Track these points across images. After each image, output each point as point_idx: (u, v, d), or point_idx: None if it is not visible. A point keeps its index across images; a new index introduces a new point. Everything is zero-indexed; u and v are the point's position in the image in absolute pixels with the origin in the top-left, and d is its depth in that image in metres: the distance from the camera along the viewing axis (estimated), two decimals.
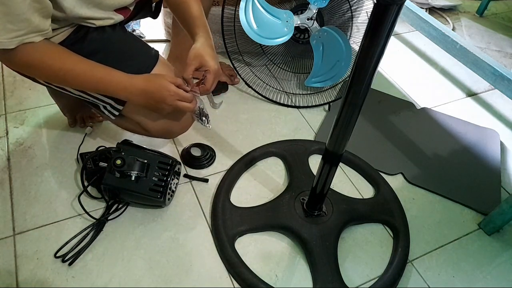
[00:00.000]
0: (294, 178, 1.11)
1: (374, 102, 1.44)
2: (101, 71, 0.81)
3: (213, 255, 0.96)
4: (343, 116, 0.74)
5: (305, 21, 1.28)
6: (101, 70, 0.81)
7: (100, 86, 0.82)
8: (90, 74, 0.80)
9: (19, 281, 0.87)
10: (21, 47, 0.72)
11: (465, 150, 1.30)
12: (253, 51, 1.44)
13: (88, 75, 0.80)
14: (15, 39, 0.69)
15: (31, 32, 0.71)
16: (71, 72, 0.79)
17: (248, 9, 1.22)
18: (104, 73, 0.81)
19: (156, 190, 0.95)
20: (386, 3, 0.56)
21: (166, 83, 0.84)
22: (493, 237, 1.09)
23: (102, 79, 0.81)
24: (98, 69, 0.81)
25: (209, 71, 0.89)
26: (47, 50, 0.77)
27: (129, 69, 0.86)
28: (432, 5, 2.00)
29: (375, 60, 0.63)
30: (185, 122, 1.01)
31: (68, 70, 0.79)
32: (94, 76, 0.81)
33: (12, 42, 0.69)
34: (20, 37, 0.69)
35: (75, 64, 0.79)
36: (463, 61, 1.44)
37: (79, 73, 0.80)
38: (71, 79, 0.81)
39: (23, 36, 0.70)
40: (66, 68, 0.79)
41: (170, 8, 0.97)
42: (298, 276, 0.95)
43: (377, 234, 1.05)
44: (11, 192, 1.02)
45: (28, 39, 0.71)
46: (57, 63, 0.78)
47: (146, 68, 0.90)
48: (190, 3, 0.93)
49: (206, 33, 0.92)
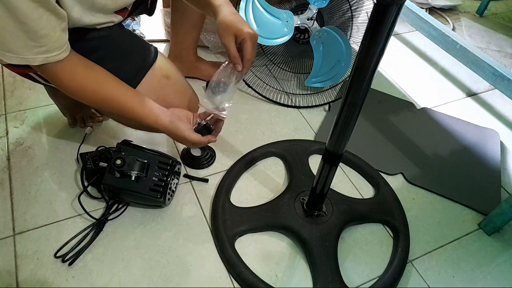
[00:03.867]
0: (294, 178, 1.11)
1: (374, 102, 1.44)
2: (135, 100, 0.84)
3: (213, 255, 0.96)
4: (343, 116, 0.74)
5: (305, 21, 1.28)
6: (135, 100, 0.84)
7: (129, 114, 0.84)
8: (123, 101, 0.83)
9: (19, 281, 0.87)
10: (60, 68, 0.74)
11: (465, 150, 1.30)
12: None
13: (121, 102, 0.83)
14: (38, 56, 0.69)
15: (54, 48, 0.71)
16: (109, 97, 0.82)
17: (248, 9, 1.22)
18: (136, 103, 0.84)
19: (156, 190, 0.95)
20: (386, 3, 0.56)
21: (188, 133, 0.86)
22: (493, 237, 1.09)
23: (133, 109, 0.83)
24: (132, 98, 0.84)
25: (245, 39, 0.81)
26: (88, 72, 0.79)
27: (129, 65, 0.87)
28: (432, 5, 2.00)
29: (375, 60, 0.63)
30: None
31: (106, 95, 0.81)
32: (125, 104, 0.83)
33: (36, 59, 0.70)
34: (43, 54, 0.70)
35: (113, 90, 0.82)
36: (463, 61, 1.44)
37: (114, 100, 0.82)
38: (105, 104, 0.83)
39: (46, 53, 0.70)
40: (105, 93, 0.81)
41: None
42: (298, 276, 0.95)
43: (377, 234, 1.05)
44: (11, 192, 1.02)
45: (53, 57, 0.71)
46: (98, 87, 0.80)
47: (147, 63, 0.91)
48: None
49: (227, 3, 0.86)
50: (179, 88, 0.98)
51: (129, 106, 0.83)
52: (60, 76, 0.76)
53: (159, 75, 0.94)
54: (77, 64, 0.78)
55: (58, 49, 0.72)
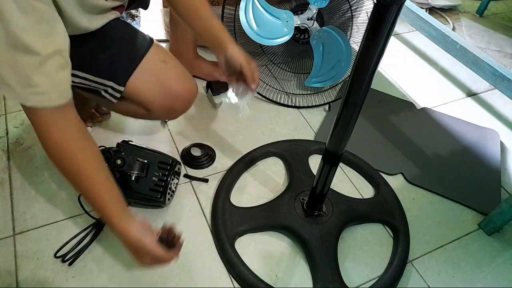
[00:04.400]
0: (294, 178, 1.11)
1: (374, 102, 1.44)
2: (106, 194, 0.76)
3: (213, 255, 0.96)
4: (343, 116, 0.74)
5: (305, 21, 1.28)
6: (106, 192, 0.76)
7: (95, 206, 0.78)
8: (92, 190, 0.76)
9: (19, 281, 0.87)
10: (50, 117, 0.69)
11: (465, 150, 1.30)
12: (253, 51, 1.43)
13: (90, 188, 0.76)
14: (31, 97, 0.66)
15: (51, 91, 0.67)
16: (78, 174, 0.74)
17: (248, 9, 1.22)
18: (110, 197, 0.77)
19: (156, 190, 0.95)
20: (386, 3, 0.56)
21: (153, 246, 0.76)
22: (493, 237, 1.09)
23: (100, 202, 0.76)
24: (102, 190, 0.76)
25: (242, 66, 0.89)
26: (68, 132, 0.72)
27: (124, 53, 0.86)
28: (432, 5, 2.00)
29: (375, 60, 0.63)
30: (187, 97, 0.99)
31: (77, 171, 0.74)
32: (96, 195, 0.76)
33: (28, 100, 0.66)
34: (38, 95, 0.66)
35: (82, 172, 0.74)
36: (463, 61, 1.44)
37: (84, 179, 0.75)
38: (72, 179, 0.75)
39: (40, 94, 0.66)
40: (70, 168, 0.74)
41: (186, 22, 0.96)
42: (298, 276, 0.95)
43: (377, 234, 1.05)
44: (11, 192, 1.02)
45: (42, 103, 0.67)
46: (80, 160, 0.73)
47: (143, 50, 0.91)
48: (209, 19, 0.93)
49: (231, 38, 0.94)
50: (177, 73, 0.97)
51: (102, 197, 0.76)
52: (47, 125, 0.70)
53: (157, 60, 0.94)
54: (71, 121, 0.73)
55: (55, 94, 0.68)
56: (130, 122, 1.23)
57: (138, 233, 0.76)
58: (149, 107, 0.96)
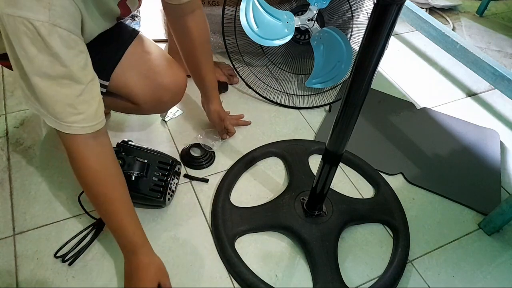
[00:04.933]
0: (294, 178, 1.11)
1: (374, 102, 1.44)
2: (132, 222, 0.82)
3: (213, 255, 0.96)
4: (343, 116, 0.74)
5: (305, 22, 1.28)
6: (132, 221, 0.82)
7: (115, 231, 0.82)
8: (116, 215, 0.80)
9: (19, 281, 0.87)
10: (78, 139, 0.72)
11: (465, 150, 1.30)
12: (253, 52, 1.44)
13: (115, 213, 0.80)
14: (73, 125, 0.70)
15: (92, 118, 0.72)
16: (109, 200, 0.78)
17: (249, 10, 1.22)
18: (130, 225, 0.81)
19: (156, 190, 0.95)
20: (386, 3, 0.56)
21: None
22: (493, 237, 1.09)
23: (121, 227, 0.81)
24: (127, 218, 0.81)
25: (226, 121, 1.15)
26: (104, 157, 0.77)
27: (107, 47, 0.89)
28: (432, 5, 2.00)
29: (375, 60, 0.63)
30: (174, 88, 1.00)
31: (109, 197, 0.78)
32: (117, 219, 0.80)
33: (71, 127, 0.70)
34: (77, 123, 0.70)
35: (114, 197, 0.79)
36: (463, 61, 1.44)
37: (112, 205, 0.79)
38: (103, 204, 0.79)
39: (81, 121, 0.70)
40: (106, 194, 0.78)
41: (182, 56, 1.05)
42: (298, 276, 0.95)
43: (377, 234, 1.05)
44: (11, 192, 1.02)
45: (84, 129, 0.71)
46: (100, 183, 0.77)
47: (125, 42, 0.93)
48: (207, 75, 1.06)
49: (217, 95, 1.13)
50: (162, 63, 0.97)
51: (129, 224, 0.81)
52: (84, 151, 0.74)
53: (140, 51, 0.94)
54: (107, 147, 0.78)
55: (93, 122, 0.72)
56: (130, 122, 1.23)
57: (162, 262, 0.85)
58: (136, 100, 0.96)
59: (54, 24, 0.63)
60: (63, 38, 0.65)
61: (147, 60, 0.95)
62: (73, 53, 0.67)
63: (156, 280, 0.81)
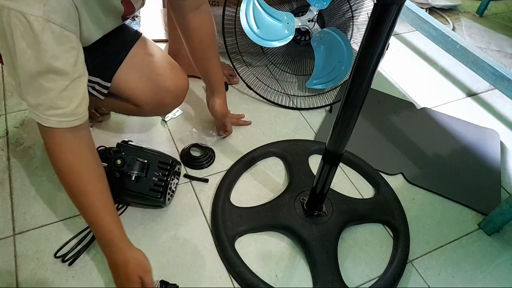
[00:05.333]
0: (294, 178, 1.11)
1: (374, 102, 1.44)
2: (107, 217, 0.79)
3: (213, 255, 0.96)
4: (343, 116, 0.74)
5: (306, 23, 1.28)
6: (107, 216, 0.79)
7: (90, 226, 0.81)
8: (90, 209, 0.78)
9: (19, 281, 0.87)
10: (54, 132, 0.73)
11: (465, 150, 1.30)
12: (253, 52, 1.44)
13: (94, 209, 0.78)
14: (50, 119, 0.70)
15: (70, 114, 0.72)
16: (84, 194, 0.78)
17: (249, 11, 1.22)
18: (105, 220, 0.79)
19: (156, 190, 0.95)
20: (386, 3, 0.56)
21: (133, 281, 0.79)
22: (493, 237, 1.09)
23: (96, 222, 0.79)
24: (101, 213, 0.79)
25: (226, 118, 1.16)
26: (81, 152, 0.77)
27: (110, 47, 0.89)
28: (432, 5, 2.00)
29: (375, 60, 0.63)
30: (176, 91, 1.00)
31: (84, 191, 0.77)
32: (91, 214, 0.79)
33: (48, 120, 0.71)
34: (55, 117, 0.70)
35: (87, 190, 0.78)
36: (463, 61, 1.44)
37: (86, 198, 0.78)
38: (78, 198, 0.79)
39: (60, 116, 0.71)
40: (80, 187, 0.77)
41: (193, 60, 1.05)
42: (298, 276, 0.95)
43: (377, 234, 1.05)
44: (11, 192, 1.02)
45: (60, 123, 0.71)
46: (75, 175, 0.77)
47: (129, 44, 0.93)
48: (213, 68, 1.06)
49: (223, 91, 1.13)
50: (165, 65, 0.97)
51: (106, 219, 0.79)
52: (61, 145, 0.75)
53: (142, 53, 0.94)
54: (85, 142, 0.77)
55: (73, 117, 0.72)
56: (130, 122, 1.23)
57: (144, 257, 0.81)
58: (137, 102, 0.96)
59: (48, 19, 0.64)
60: (56, 33, 0.65)
61: (150, 62, 0.95)
62: (63, 48, 0.68)
63: (136, 278, 0.79)
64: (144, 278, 0.79)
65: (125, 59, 0.91)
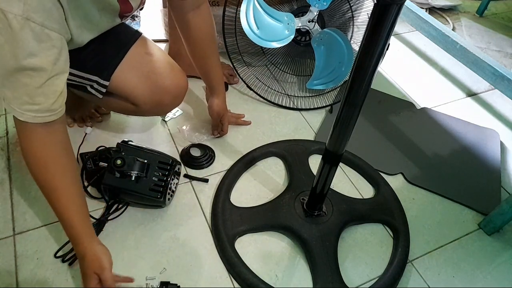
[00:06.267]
0: (294, 178, 1.11)
1: (374, 102, 1.44)
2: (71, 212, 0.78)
3: (213, 255, 0.96)
4: (343, 116, 0.74)
5: (306, 24, 1.28)
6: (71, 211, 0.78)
7: (59, 220, 0.80)
8: (65, 206, 0.78)
9: (19, 281, 0.87)
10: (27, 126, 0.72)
11: (465, 150, 1.30)
12: (253, 52, 1.44)
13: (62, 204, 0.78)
14: (25, 113, 0.70)
15: (45, 110, 0.71)
16: (53, 189, 0.77)
17: (249, 12, 1.22)
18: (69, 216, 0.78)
19: (156, 190, 0.95)
20: (386, 3, 0.56)
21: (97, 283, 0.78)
22: (493, 237, 1.09)
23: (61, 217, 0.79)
24: (67, 209, 0.78)
25: (224, 119, 1.16)
26: (51, 147, 0.76)
27: (110, 46, 0.88)
28: (432, 5, 2.00)
29: (375, 60, 0.63)
30: (175, 91, 1.00)
31: (53, 187, 0.77)
32: (58, 208, 0.78)
33: (23, 114, 0.70)
34: (30, 112, 0.70)
35: (55, 185, 0.77)
36: (463, 61, 1.44)
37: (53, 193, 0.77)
38: (47, 193, 0.78)
39: (35, 111, 0.70)
40: (46, 181, 0.77)
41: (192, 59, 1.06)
42: (298, 276, 0.95)
43: (377, 234, 1.05)
44: (11, 192, 1.02)
45: (35, 118, 0.71)
46: (46, 170, 0.76)
47: (128, 43, 0.92)
48: (212, 67, 1.06)
49: (223, 90, 1.14)
50: (164, 65, 0.97)
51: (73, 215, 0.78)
52: (32, 139, 0.74)
53: (142, 53, 0.94)
54: (57, 138, 0.76)
55: (48, 112, 0.72)
56: (130, 122, 1.23)
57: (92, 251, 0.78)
58: (136, 101, 0.95)
59: (27, 18, 0.63)
60: (35, 32, 0.65)
61: (149, 61, 0.95)
62: (43, 46, 0.67)
63: (91, 274, 0.77)
64: (100, 275, 0.77)
65: (124, 58, 0.91)
